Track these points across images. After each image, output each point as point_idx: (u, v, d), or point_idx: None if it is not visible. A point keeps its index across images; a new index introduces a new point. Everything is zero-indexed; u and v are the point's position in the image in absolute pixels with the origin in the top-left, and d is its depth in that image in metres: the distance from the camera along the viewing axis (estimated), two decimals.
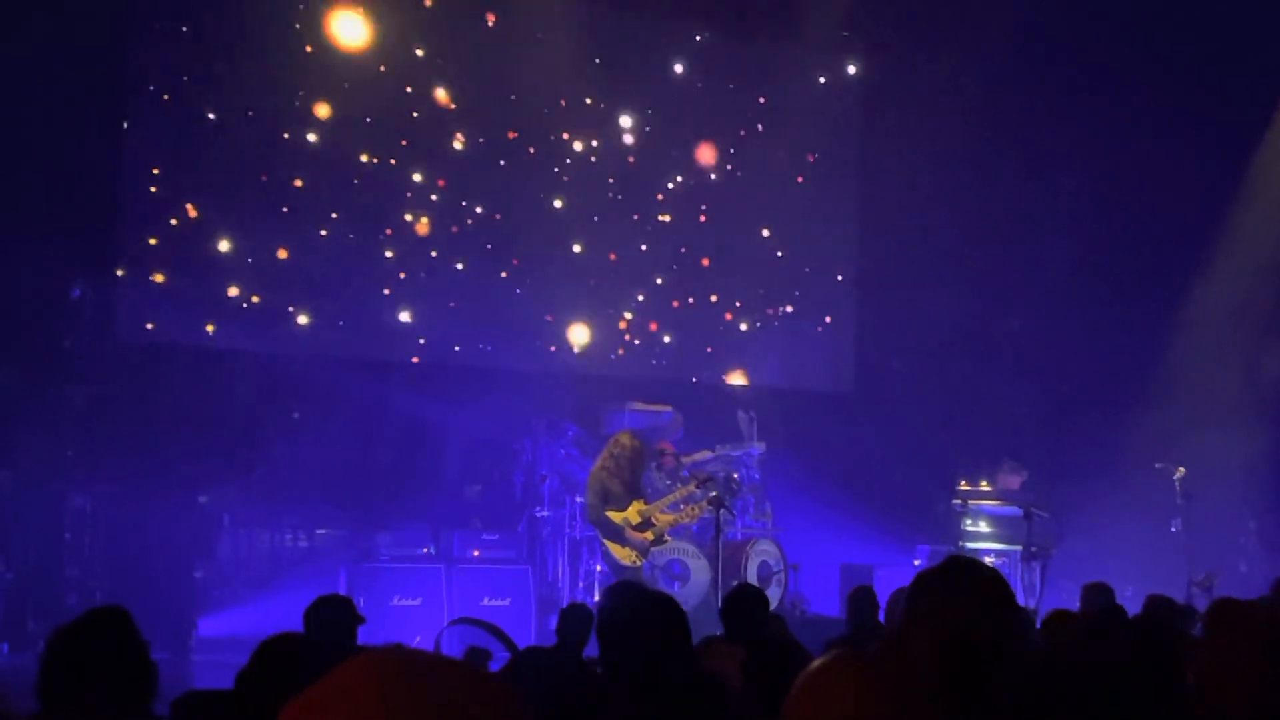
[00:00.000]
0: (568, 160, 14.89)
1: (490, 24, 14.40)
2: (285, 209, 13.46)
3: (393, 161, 13.95)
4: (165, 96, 12.99)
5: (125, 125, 12.90)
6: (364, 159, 13.81)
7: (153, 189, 13.00)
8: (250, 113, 13.28)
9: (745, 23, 15.44)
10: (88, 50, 12.17)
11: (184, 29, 13.08)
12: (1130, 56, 14.60)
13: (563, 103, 14.70)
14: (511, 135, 14.51)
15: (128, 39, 12.90)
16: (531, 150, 14.65)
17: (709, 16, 15.40)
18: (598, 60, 14.73)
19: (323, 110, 13.59)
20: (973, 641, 2.86)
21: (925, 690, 2.57)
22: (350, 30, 13.69)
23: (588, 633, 6.96)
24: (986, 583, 2.98)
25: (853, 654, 2.46)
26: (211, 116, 13.13)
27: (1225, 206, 15.28)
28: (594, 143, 15.02)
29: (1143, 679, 3.79)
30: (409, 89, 14.03)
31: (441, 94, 14.18)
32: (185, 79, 13.06)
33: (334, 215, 13.68)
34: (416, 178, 14.11)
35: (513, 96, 14.39)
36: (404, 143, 14.01)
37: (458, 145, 14.30)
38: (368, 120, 13.80)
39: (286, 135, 13.51)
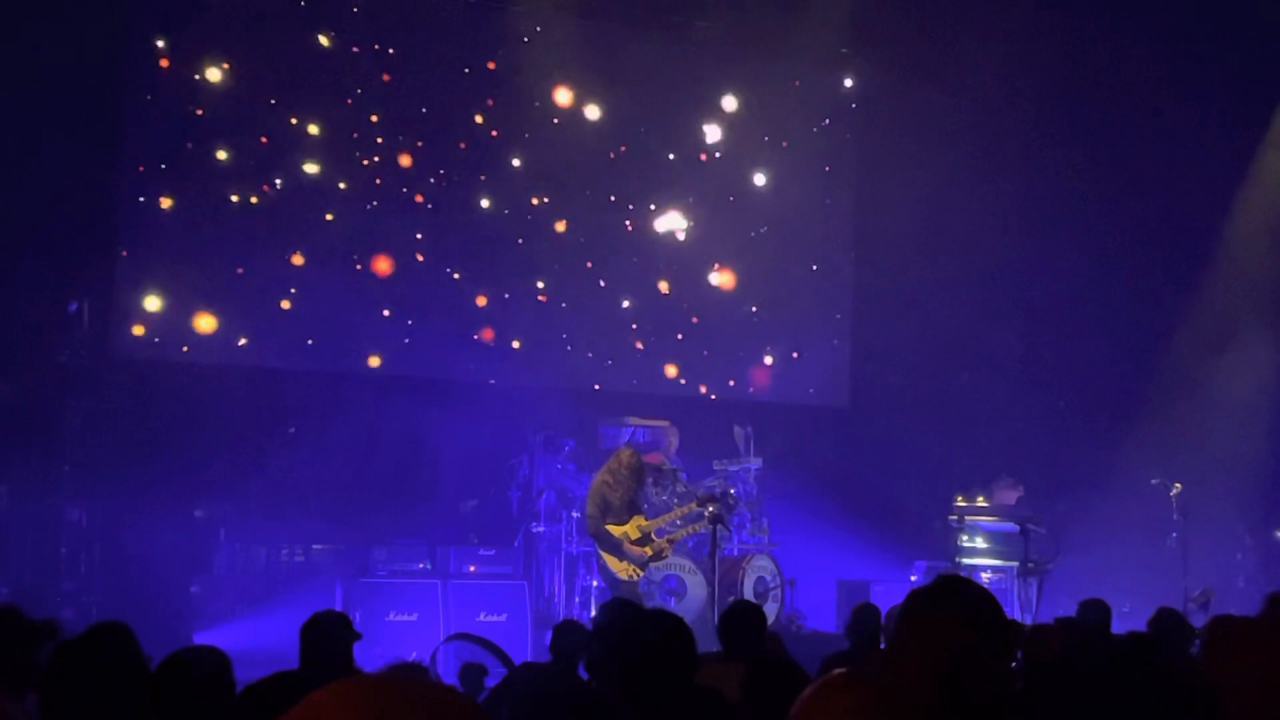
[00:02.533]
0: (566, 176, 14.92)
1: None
2: (283, 226, 13.46)
3: (392, 181, 13.98)
4: (163, 112, 13.00)
5: (123, 141, 12.90)
6: (362, 177, 13.84)
7: (150, 204, 13.00)
8: (248, 130, 13.29)
9: (745, 42, 15.43)
10: (86, 66, 12.18)
11: (181, 43, 13.10)
12: (1127, 72, 14.62)
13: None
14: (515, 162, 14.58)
15: (126, 54, 12.91)
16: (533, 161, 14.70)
17: (704, 30, 15.42)
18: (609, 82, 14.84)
19: (321, 129, 13.62)
20: (966, 662, 2.85)
21: (922, 710, 2.57)
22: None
23: (582, 648, 6.95)
24: (978, 602, 2.98)
25: (854, 673, 2.46)
26: (208, 132, 13.14)
27: (1221, 221, 15.30)
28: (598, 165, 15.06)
29: (1137, 699, 3.77)
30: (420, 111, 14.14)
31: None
32: (182, 95, 13.07)
33: (332, 232, 13.68)
34: (418, 198, 14.14)
35: (523, 125, 14.51)
36: (405, 164, 14.06)
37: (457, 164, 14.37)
38: (369, 139, 13.84)
39: (285, 152, 13.51)
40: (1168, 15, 14.28)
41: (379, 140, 13.93)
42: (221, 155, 13.18)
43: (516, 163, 14.55)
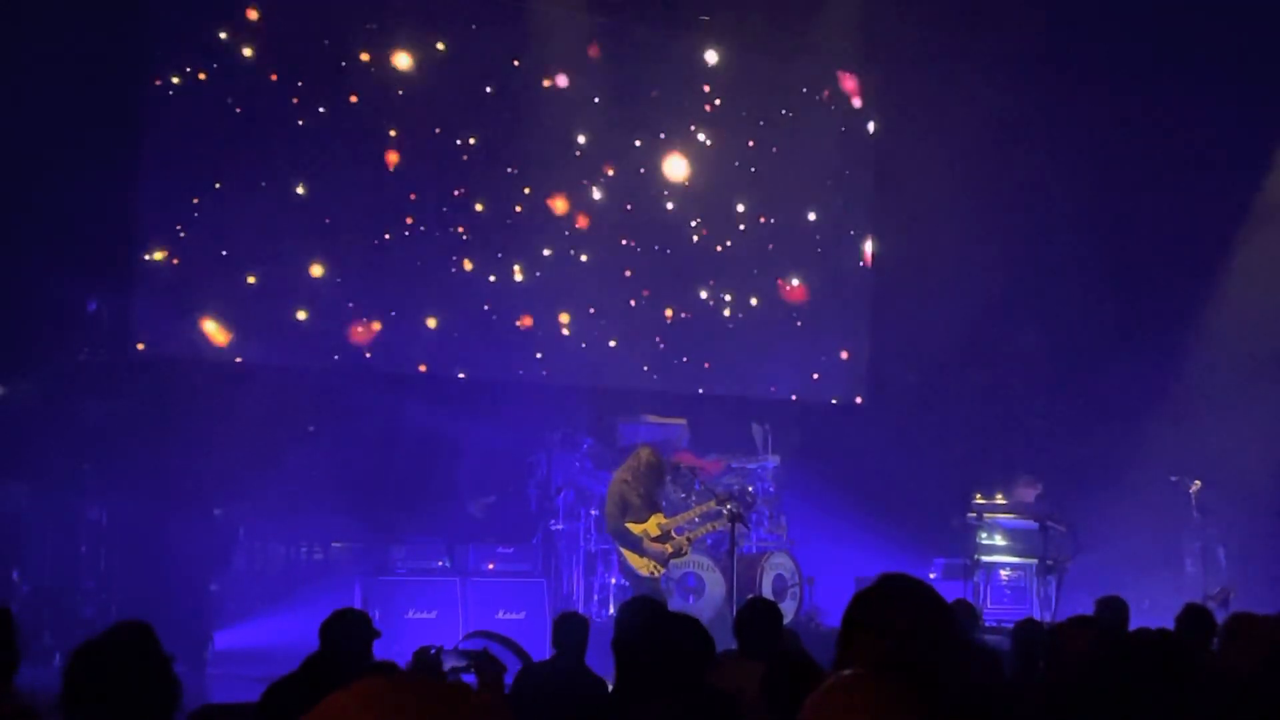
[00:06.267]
0: (584, 180, 14.92)
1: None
2: (302, 223, 13.49)
3: (410, 175, 14.00)
4: (184, 110, 13.04)
5: (143, 139, 12.94)
6: (384, 168, 13.88)
7: (170, 204, 13.04)
8: (268, 133, 13.33)
9: (755, 41, 15.42)
10: (106, 63, 12.22)
11: (203, 38, 13.14)
12: (1147, 68, 14.57)
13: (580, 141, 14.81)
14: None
15: (147, 51, 12.94)
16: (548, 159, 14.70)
17: (719, 37, 15.41)
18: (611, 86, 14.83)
19: (343, 131, 13.67)
20: (908, 660, 2.83)
21: (930, 710, 2.57)
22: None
23: (585, 640, 6.96)
24: (923, 600, 2.96)
25: (863, 672, 2.46)
26: (229, 133, 13.18)
27: (1242, 217, 15.23)
28: (612, 163, 15.05)
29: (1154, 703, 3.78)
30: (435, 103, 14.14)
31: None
32: (203, 92, 13.11)
33: (350, 228, 13.71)
34: (434, 193, 14.15)
35: (532, 125, 14.50)
36: (419, 156, 14.08)
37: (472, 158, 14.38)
38: (388, 133, 13.87)
39: (306, 154, 13.54)
40: (1189, 15, 14.24)
41: (404, 144, 13.98)
42: (242, 156, 13.21)
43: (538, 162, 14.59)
